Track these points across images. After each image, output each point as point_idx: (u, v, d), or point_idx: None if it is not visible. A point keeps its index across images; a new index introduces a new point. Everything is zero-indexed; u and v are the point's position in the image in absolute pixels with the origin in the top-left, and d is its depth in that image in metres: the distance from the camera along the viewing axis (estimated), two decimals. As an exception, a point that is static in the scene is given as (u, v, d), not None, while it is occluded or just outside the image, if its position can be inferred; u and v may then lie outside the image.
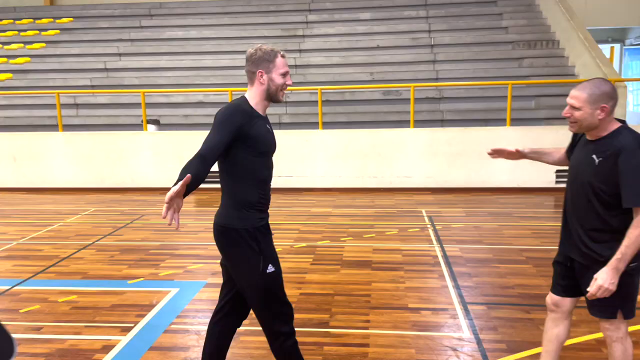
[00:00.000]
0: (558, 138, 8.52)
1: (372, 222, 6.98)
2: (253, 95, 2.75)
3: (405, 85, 10.01)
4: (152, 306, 4.34)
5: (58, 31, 13.94)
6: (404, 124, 9.54)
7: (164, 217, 2.40)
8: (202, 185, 9.23)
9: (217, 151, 2.58)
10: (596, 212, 2.54)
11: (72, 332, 3.92)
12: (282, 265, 5.27)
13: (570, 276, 2.78)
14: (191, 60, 12.39)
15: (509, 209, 7.62)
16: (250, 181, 2.73)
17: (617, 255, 2.45)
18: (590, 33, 10.93)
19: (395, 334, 3.83)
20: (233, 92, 10.72)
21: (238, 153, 2.65)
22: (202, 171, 2.53)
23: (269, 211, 2.89)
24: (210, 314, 4.19)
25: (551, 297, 2.89)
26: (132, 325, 4.00)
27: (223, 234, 2.74)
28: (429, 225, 6.73)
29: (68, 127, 10.46)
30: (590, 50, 10.18)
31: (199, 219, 7.28)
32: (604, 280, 2.48)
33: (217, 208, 2.87)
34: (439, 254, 5.60)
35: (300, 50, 12.41)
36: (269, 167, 2.81)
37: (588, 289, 2.54)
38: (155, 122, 9.69)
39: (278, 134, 3.00)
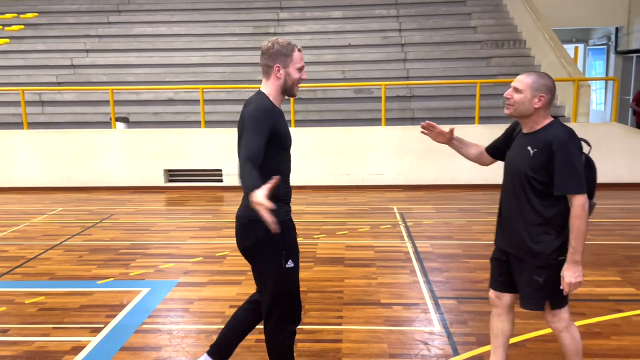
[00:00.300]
0: (525, 136, 8.74)
1: (344, 219, 7.02)
2: (270, 90, 2.72)
3: (377, 83, 10.09)
4: (122, 306, 4.28)
5: (22, 26, 13.54)
6: (375, 122, 9.62)
7: (273, 224, 2.23)
8: (173, 185, 9.11)
9: (261, 153, 2.52)
10: (531, 203, 2.63)
11: (39, 334, 3.84)
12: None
13: (507, 272, 2.85)
14: (161, 57, 12.22)
15: (477, 205, 7.78)
16: (279, 175, 2.66)
17: (570, 249, 2.58)
18: (555, 33, 11.22)
19: (368, 330, 3.87)
20: (204, 90, 10.65)
21: (268, 150, 2.61)
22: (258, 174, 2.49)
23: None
24: (183, 313, 4.18)
25: (493, 292, 2.98)
26: (102, 325, 3.94)
27: (248, 227, 2.70)
28: (400, 222, 6.81)
29: (33, 125, 10.19)
30: (555, 50, 10.45)
31: (170, 219, 7.20)
32: (568, 276, 2.60)
33: (184, 206, 2.83)
34: (410, 250, 5.68)
35: (271, 48, 12.35)
36: (290, 160, 2.83)
37: (561, 287, 2.64)
38: (124, 120, 9.53)
39: None
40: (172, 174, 9.23)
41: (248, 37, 12.74)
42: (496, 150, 2.95)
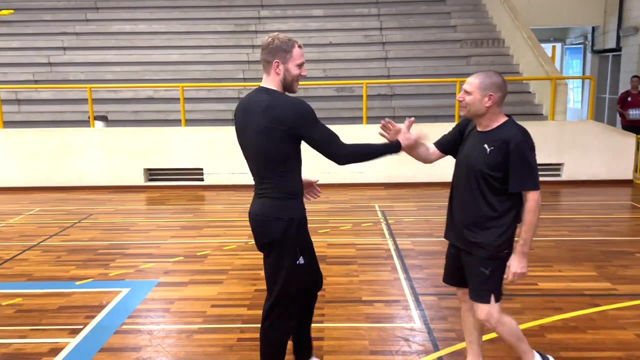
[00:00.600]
0: (504, 134, 8.85)
1: (326, 217, 7.03)
2: (273, 86, 2.71)
3: (358, 82, 10.12)
4: (102, 307, 4.24)
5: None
6: (357, 120, 9.66)
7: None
8: (154, 184, 8.97)
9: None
10: (485, 198, 2.70)
11: (17, 336, 3.78)
12: (237, 262, 5.27)
13: (460, 267, 2.92)
14: (140, 54, 12.09)
15: (458, 202, 7.84)
16: (297, 171, 2.77)
17: (520, 241, 2.69)
18: (533, 32, 11.37)
19: (349, 327, 3.89)
20: (185, 88, 10.56)
21: (289, 145, 2.66)
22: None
23: None
24: (164, 313, 4.15)
25: (458, 289, 3.09)
26: (81, 327, 3.89)
27: (264, 223, 2.73)
28: (381, 220, 6.85)
29: (10, 124, 9.99)
30: (533, 49, 10.59)
31: (150, 218, 7.13)
32: (515, 266, 2.71)
33: (164, 205, 2.83)
34: (392, 247, 5.72)
35: (252, 46, 12.32)
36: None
37: (505, 276, 2.75)
38: (103, 118, 9.40)
39: (231, 130, 2.96)
40: (152, 173, 9.14)
41: (229, 35, 12.67)
42: (448, 145, 2.98)
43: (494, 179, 2.66)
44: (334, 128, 2.79)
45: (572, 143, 8.83)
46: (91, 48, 12.40)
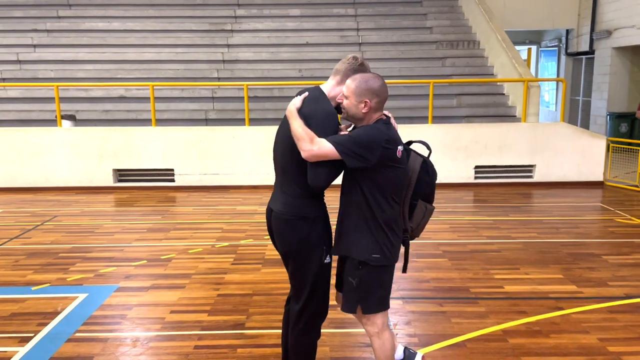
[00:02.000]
0: (477, 135, 8.86)
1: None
2: (330, 89, 2.74)
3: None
4: (56, 314, 4.09)
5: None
6: (331, 121, 9.57)
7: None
8: (123, 185, 8.73)
9: None
10: (355, 200, 2.65)
11: (-37, 346, 3.62)
12: (202, 266, 5.16)
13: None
14: (113, 53, 11.85)
15: (431, 204, 7.82)
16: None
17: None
18: (508, 35, 11.43)
19: (311, 333, 3.80)
20: (158, 87, 10.38)
21: None
22: None
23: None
24: (120, 320, 4.02)
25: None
26: (32, 335, 3.75)
27: (290, 222, 2.69)
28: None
29: (-25, 123, 9.74)
30: (507, 51, 10.64)
31: (116, 220, 6.96)
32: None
33: (132, 207, 2.75)
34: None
35: (228, 45, 12.18)
36: None
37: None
38: (71, 117, 9.18)
39: (203, 130, 2.86)
40: (121, 174, 8.95)
41: (204, 34, 12.50)
42: None
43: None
44: None
45: (544, 145, 8.88)
46: (62, 45, 12.12)
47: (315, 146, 2.47)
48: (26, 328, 3.85)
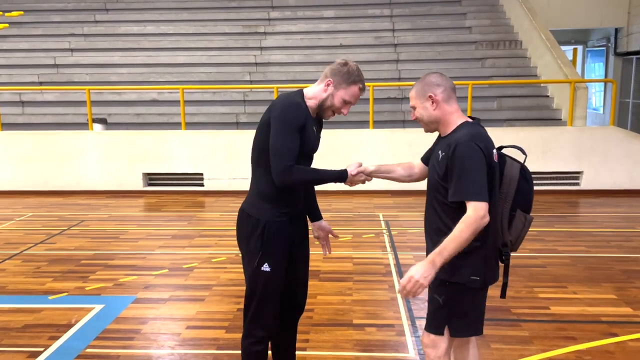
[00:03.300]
0: (518, 139, 8.34)
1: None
2: (312, 93, 2.61)
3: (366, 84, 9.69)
4: (69, 326, 3.92)
5: (7, 25, 13.18)
6: (364, 124, 9.26)
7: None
8: (153, 189, 8.53)
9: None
10: (437, 213, 2.37)
11: (-29, 359, 3.48)
12: (224, 276, 4.92)
13: None
14: (146, 56, 11.86)
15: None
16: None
17: (437, 249, 2.21)
18: (553, 34, 10.85)
19: (335, 356, 3.51)
20: (190, 91, 10.29)
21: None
22: None
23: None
24: (133, 335, 3.81)
25: None
26: (42, 349, 3.57)
27: (239, 216, 2.70)
28: (384, 231, 6.45)
29: (12, 126, 9.86)
30: (552, 51, 10.08)
31: (142, 226, 6.82)
32: (416, 271, 2.20)
33: (159, 212, 2.70)
34: (392, 262, 5.31)
35: (261, 48, 12.02)
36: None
37: (400, 283, 2.25)
38: (102, 121, 9.17)
39: (233, 134, 2.68)
40: (151, 178, 8.86)
41: (237, 37, 12.39)
42: (429, 158, 2.61)
43: (443, 188, 2.32)
44: (340, 132, 2.66)
45: (592, 150, 8.31)
46: (98, 49, 12.22)
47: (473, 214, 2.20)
48: (37, 342, 3.68)
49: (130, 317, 4.09)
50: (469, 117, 2.42)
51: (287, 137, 2.46)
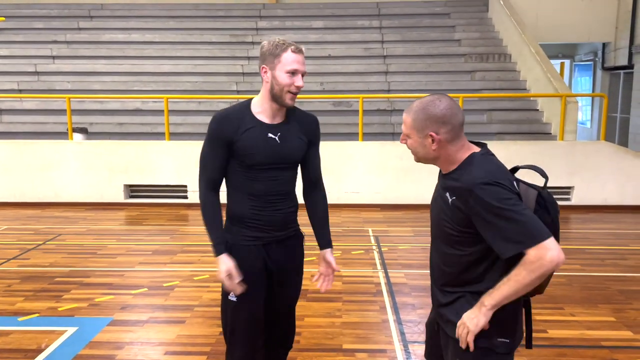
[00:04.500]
0: (509, 154, 8.22)
1: (314, 242, 6.41)
2: (259, 97, 2.38)
3: (354, 96, 9.58)
4: (39, 351, 3.64)
5: (-13, 31, 12.87)
6: (353, 136, 9.10)
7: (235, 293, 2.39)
8: (134, 201, 8.16)
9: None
10: (449, 259, 1.98)
11: None
12: (206, 296, 4.67)
13: (437, 343, 2.14)
14: (131, 64, 11.61)
15: (460, 228, 7.23)
16: (240, 195, 2.41)
17: (491, 291, 1.84)
18: (541, 48, 10.82)
19: (323, 385, 3.28)
20: (175, 100, 10.05)
21: (230, 165, 2.39)
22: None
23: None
24: (104, 363, 3.56)
25: None
26: (6, 378, 3.31)
27: None
28: (374, 247, 6.25)
29: (-12, 135, 9.54)
30: (541, 65, 10.03)
31: (122, 240, 6.54)
32: (467, 316, 1.88)
33: (141, 225, 2.56)
34: (382, 280, 5.11)
35: (249, 58, 11.84)
36: (264, 181, 2.38)
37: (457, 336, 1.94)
38: (83, 130, 8.88)
39: None
40: (133, 190, 8.58)
41: (224, 46, 12.20)
42: None
43: (463, 234, 1.89)
44: (328, 145, 2.44)
45: (583, 165, 8.22)
46: (81, 57, 11.94)
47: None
48: (2, 369, 3.41)
49: (105, 341, 3.82)
50: (472, 143, 1.97)
51: (205, 152, 2.38)
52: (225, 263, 2.35)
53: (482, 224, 1.81)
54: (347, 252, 6.01)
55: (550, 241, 1.75)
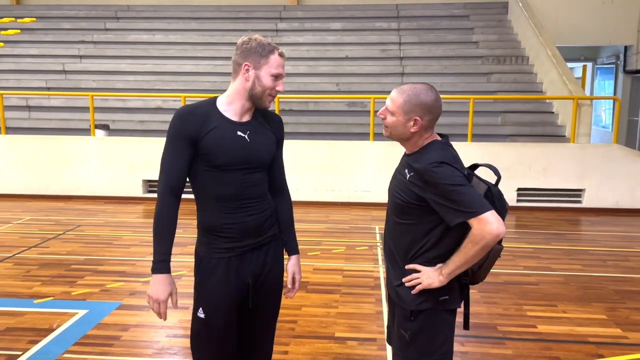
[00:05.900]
0: (520, 155, 8.29)
1: (321, 238, 6.61)
2: (229, 92, 2.22)
3: (367, 96, 9.72)
4: (50, 331, 3.91)
5: (19, 31, 13.40)
6: (365, 136, 9.25)
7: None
8: (152, 195, 8.47)
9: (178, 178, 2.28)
10: (400, 229, 2.20)
11: (-51, 361, 3.48)
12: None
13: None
14: (153, 64, 11.98)
15: (466, 227, 7.32)
16: (208, 200, 2.27)
17: (448, 262, 2.10)
18: (562, 51, 10.79)
19: (311, 369, 3.46)
20: (188, 99, 10.35)
21: (193, 167, 2.24)
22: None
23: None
24: (113, 341, 3.79)
25: None
26: (19, 353, 3.57)
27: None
28: (378, 243, 6.39)
29: (18, 130, 9.98)
30: (557, 67, 10.02)
31: (137, 232, 6.84)
32: (427, 272, 2.13)
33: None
34: (382, 275, 5.26)
35: (267, 58, 12.07)
36: (234, 183, 2.22)
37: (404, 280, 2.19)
38: (104, 127, 9.24)
39: None
40: (151, 185, 8.90)
41: (243, 47, 12.45)
42: None
43: (415, 207, 2.12)
44: (339, 144, 2.43)
45: (594, 168, 8.21)
46: (106, 57, 12.37)
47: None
48: (16, 345, 3.68)
49: (112, 323, 4.08)
50: (438, 134, 2.22)
51: (166, 152, 2.19)
52: (168, 286, 2.23)
53: (433, 197, 2.06)
54: (351, 248, 6.18)
55: (491, 214, 1.98)
